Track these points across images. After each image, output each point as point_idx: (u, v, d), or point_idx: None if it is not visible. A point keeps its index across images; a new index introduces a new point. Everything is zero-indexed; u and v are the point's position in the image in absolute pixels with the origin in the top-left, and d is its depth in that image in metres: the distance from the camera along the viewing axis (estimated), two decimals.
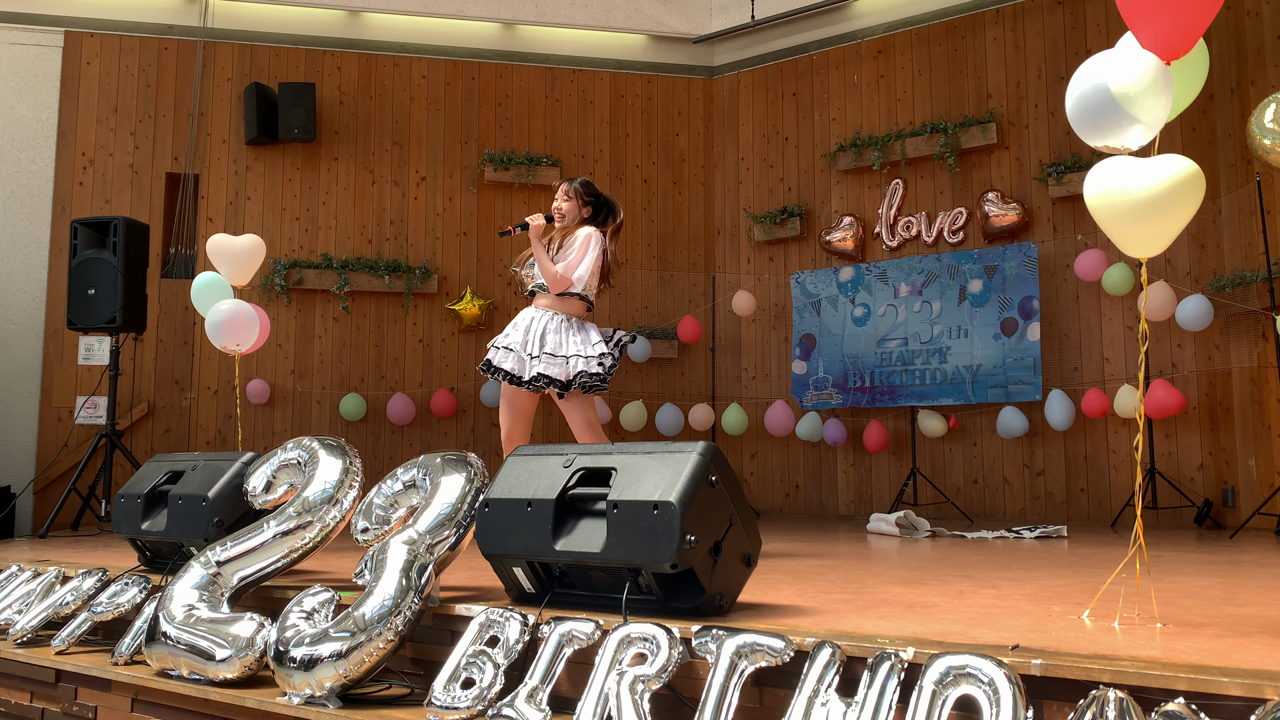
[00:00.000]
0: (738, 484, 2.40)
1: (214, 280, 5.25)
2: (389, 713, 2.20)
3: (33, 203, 7.12)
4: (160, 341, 7.22)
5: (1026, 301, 6.68)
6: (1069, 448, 6.68)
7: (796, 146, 7.99)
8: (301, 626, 2.36)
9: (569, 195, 4.17)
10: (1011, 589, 2.87)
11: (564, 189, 4.18)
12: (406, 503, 2.74)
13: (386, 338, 7.60)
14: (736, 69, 8.29)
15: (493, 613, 2.28)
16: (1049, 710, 1.72)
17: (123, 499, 3.48)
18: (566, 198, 4.16)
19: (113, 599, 3.00)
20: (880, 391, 7.14)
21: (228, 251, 5.22)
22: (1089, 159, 6.74)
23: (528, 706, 2.01)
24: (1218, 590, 2.83)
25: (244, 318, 5.02)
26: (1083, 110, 2.38)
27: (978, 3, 7.31)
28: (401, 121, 7.79)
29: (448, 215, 7.79)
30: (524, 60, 8.05)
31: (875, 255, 7.54)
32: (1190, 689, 1.59)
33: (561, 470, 2.49)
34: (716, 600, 2.29)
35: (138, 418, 7.09)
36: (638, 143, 8.20)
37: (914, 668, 1.78)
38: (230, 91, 7.52)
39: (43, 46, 7.27)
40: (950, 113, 7.32)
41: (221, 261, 5.23)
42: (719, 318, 7.99)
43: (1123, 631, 2.09)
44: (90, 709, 2.80)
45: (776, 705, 1.94)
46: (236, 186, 7.47)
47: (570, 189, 4.17)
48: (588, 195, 4.20)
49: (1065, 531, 5.33)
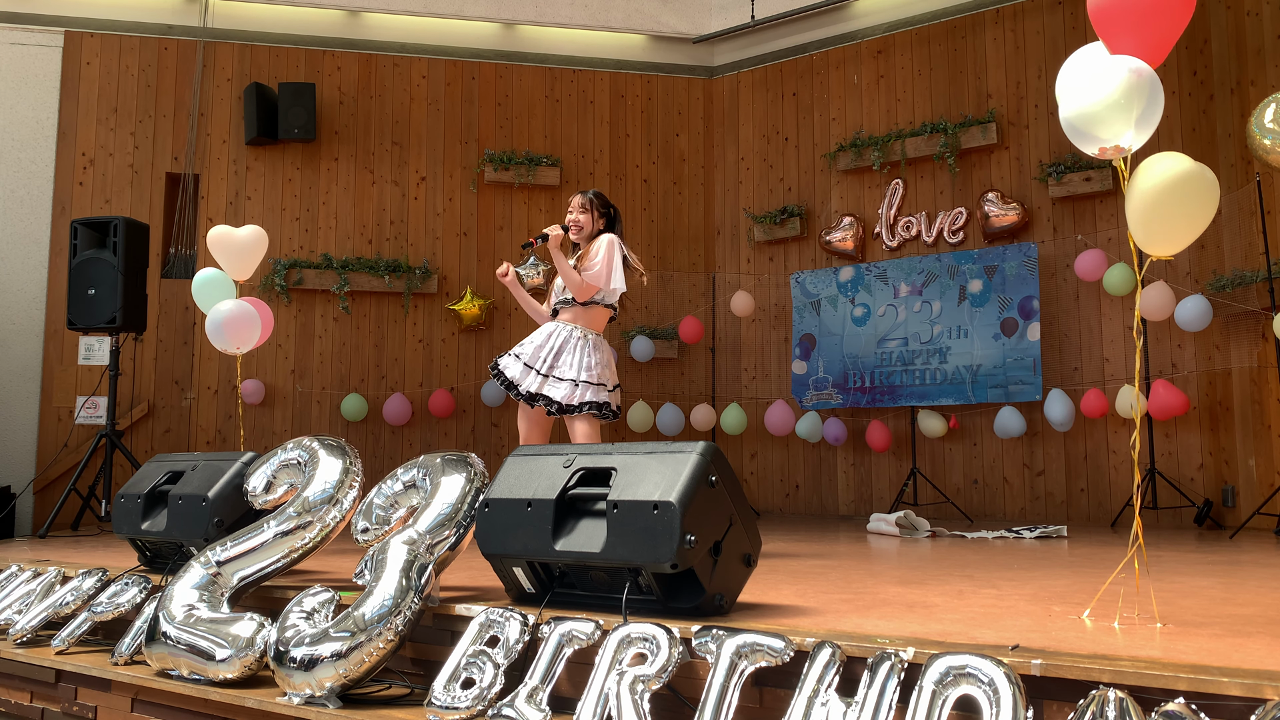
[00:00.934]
0: (738, 484, 2.40)
1: (215, 277, 5.15)
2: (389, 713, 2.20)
3: (33, 203, 7.12)
4: (160, 341, 7.22)
5: (1026, 301, 6.68)
6: (1069, 448, 6.67)
7: (796, 146, 7.99)
8: (301, 626, 2.36)
9: (584, 208, 4.19)
10: (1011, 589, 2.87)
11: (579, 201, 4.20)
12: (406, 503, 2.74)
13: (386, 338, 7.60)
14: (736, 69, 8.29)
15: (493, 613, 2.28)
16: (1049, 710, 1.72)
17: (123, 499, 3.48)
18: (583, 210, 4.19)
19: (113, 599, 3.00)
20: (880, 391, 7.14)
21: (229, 244, 5.12)
22: (1088, 159, 6.74)
23: (528, 706, 2.01)
24: (1218, 590, 2.83)
25: (245, 317, 4.97)
26: (1068, 129, 2.48)
27: (978, 3, 7.31)
28: (401, 121, 7.79)
29: (448, 215, 7.79)
30: (524, 60, 8.05)
31: (875, 255, 7.53)
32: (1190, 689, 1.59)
33: (561, 470, 2.49)
34: (716, 600, 2.29)
35: (138, 418, 7.09)
36: (638, 143, 8.20)
37: (914, 668, 1.78)
38: (230, 91, 7.52)
39: (43, 46, 7.27)
40: (950, 113, 7.32)
41: (223, 254, 5.13)
42: (719, 318, 7.98)
43: (1123, 631, 2.09)
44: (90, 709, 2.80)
45: (776, 705, 1.94)
46: (236, 186, 7.47)
47: (585, 201, 4.20)
48: (603, 207, 4.22)
49: (1065, 531, 5.33)
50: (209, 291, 5.14)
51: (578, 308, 4.10)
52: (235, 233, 5.16)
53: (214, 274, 5.17)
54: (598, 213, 4.19)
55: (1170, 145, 6.55)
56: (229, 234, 5.15)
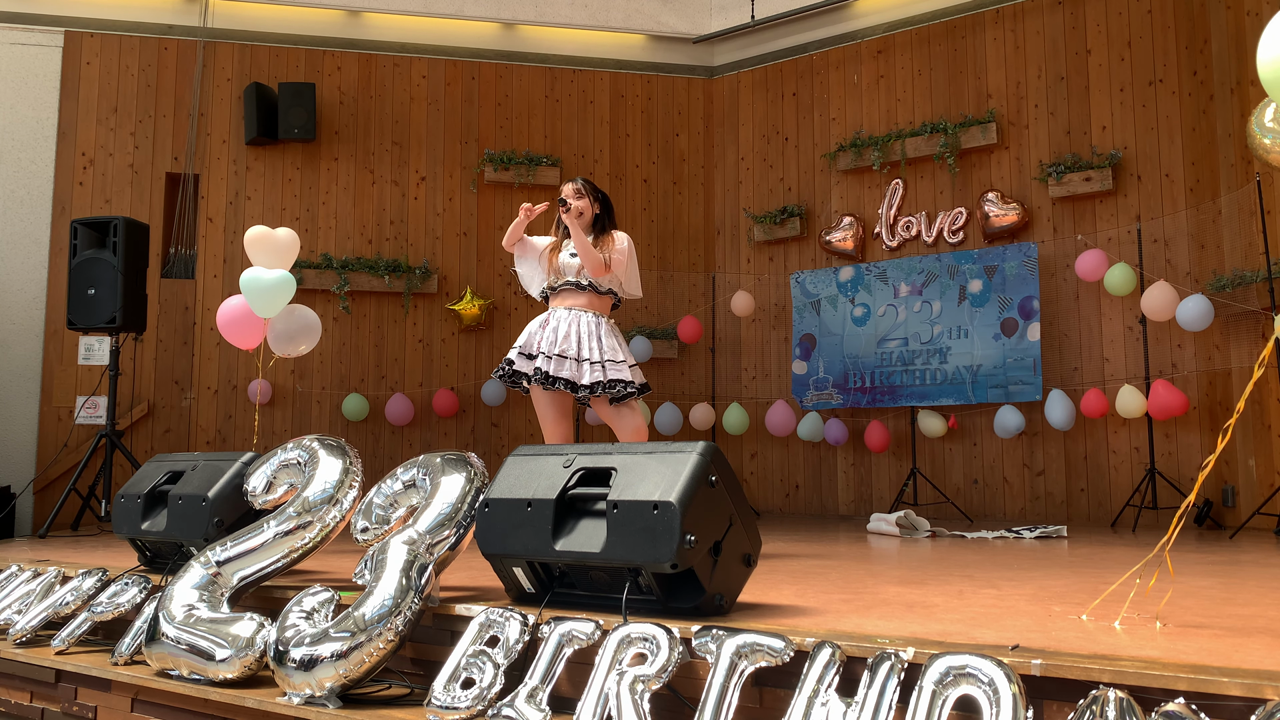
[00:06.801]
0: (738, 484, 2.40)
1: (284, 280, 4.90)
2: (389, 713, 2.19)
3: (33, 203, 7.12)
4: (160, 341, 7.22)
5: (1026, 301, 6.68)
6: (1069, 448, 6.67)
7: (796, 146, 7.99)
8: (301, 626, 2.36)
9: (579, 194, 4.12)
10: (1011, 589, 2.87)
11: (572, 189, 4.14)
12: (406, 503, 2.73)
13: (386, 338, 7.60)
14: (736, 69, 8.29)
15: (493, 613, 2.28)
16: (1049, 710, 1.72)
17: (123, 499, 3.48)
18: (578, 196, 4.12)
19: (113, 599, 3.00)
20: (880, 391, 7.14)
21: (268, 244, 4.94)
22: (1088, 159, 6.74)
23: (528, 706, 2.01)
24: (1218, 590, 2.83)
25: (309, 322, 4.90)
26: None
27: (978, 3, 7.31)
28: (401, 121, 7.79)
29: (448, 215, 7.79)
30: (524, 60, 8.05)
31: (875, 255, 7.53)
32: (1190, 689, 1.59)
33: (561, 470, 2.49)
34: (716, 600, 2.29)
35: (138, 418, 7.09)
36: (638, 143, 8.20)
37: (914, 668, 1.77)
38: (230, 91, 7.52)
39: (43, 46, 7.27)
40: (950, 113, 7.32)
41: (261, 254, 4.94)
42: (719, 318, 7.98)
43: (1123, 631, 2.09)
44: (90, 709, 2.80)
45: (776, 705, 1.94)
46: (236, 186, 7.47)
47: (578, 188, 4.14)
48: (596, 193, 4.19)
49: (1065, 531, 5.33)
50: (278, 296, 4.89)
51: (590, 293, 4.05)
52: (275, 234, 5.03)
53: (285, 276, 4.96)
54: (592, 198, 4.15)
55: (1170, 145, 6.55)
56: (269, 235, 5.00)
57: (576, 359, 3.93)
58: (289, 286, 4.99)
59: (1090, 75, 6.88)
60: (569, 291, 4.08)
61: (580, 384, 3.91)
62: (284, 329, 4.96)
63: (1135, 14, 6.76)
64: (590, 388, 3.89)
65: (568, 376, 3.91)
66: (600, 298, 4.08)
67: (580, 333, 3.97)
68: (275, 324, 4.98)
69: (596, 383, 3.89)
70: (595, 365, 3.91)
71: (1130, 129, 6.69)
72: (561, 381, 3.91)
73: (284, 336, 4.97)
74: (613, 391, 3.92)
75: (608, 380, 3.90)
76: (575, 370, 3.92)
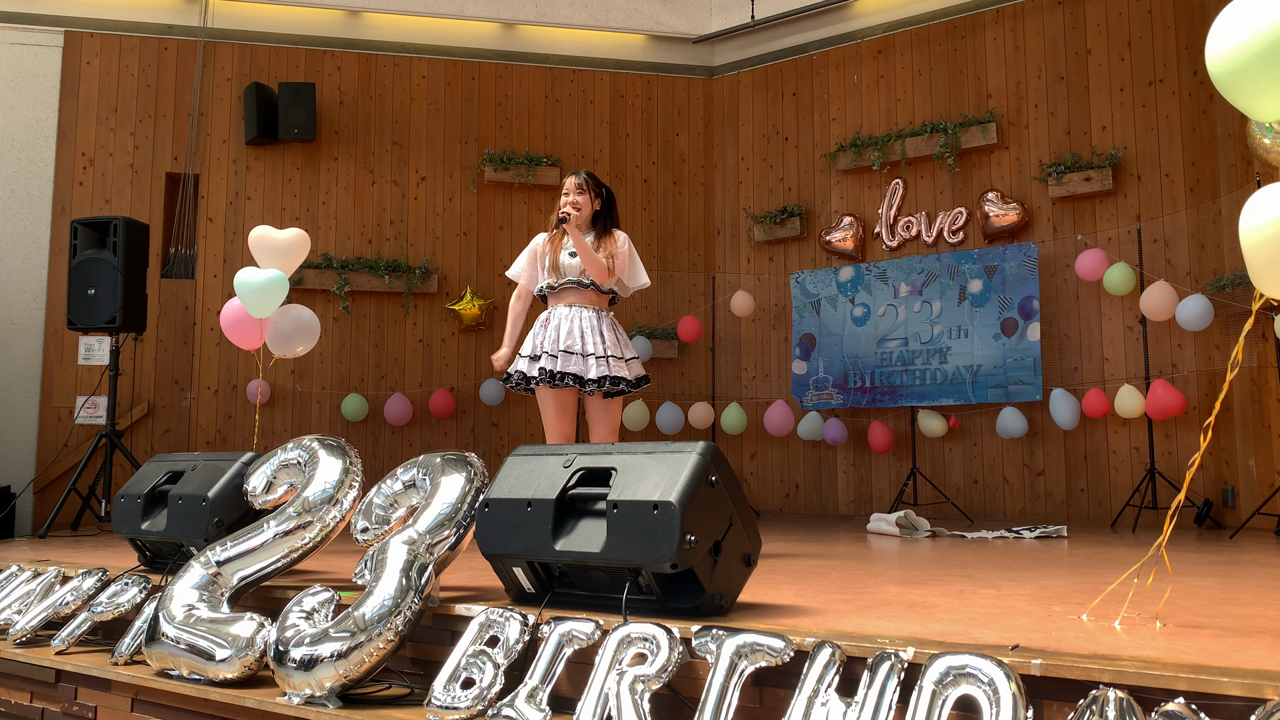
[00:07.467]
0: (738, 484, 2.40)
1: (276, 279, 4.84)
2: (389, 713, 2.19)
3: (33, 203, 7.12)
4: (160, 341, 7.22)
5: (1026, 301, 6.68)
6: (1069, 448, 6.67)
7: (796, 146, 7.99)
8: (301, 626, 2.36)
9: (581, 189, 4.10)
10: (1011, 589, 2.87)
11: (575, 183, 4.11)
12: (406, 503, 2.74)
13: (386, 338, 7.60)
14: (736, 69, 8.29)
15: (493, 613, 2.28)
16: (1049, 710, 1.72)
17: (123, 499, 3.48)
18: (580, 191, 4.10)
19: (113, 599, 3.00)
20: (880, 391, 7.14)
21: (271, 245, 4.91)
22: (1088, 159, 6.74)
23: (528, 706, 2.01)
24: (1218, 590, 2.83)
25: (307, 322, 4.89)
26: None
27: (978, 3, 7.31)
28: (401, 121, 7.79)
29: (448, 215, 7.79)
30: (524, 60, 8.05)
31: (875, 255, 7.53)
32: (1190, 689, 1.59)
33: (561, 470, 2.49)
34: (716, 600, 2.29)
35: (138, 418, 7.09)
36: (638, 143, 8.20)
37: (914, 668, 1.77)
38: (230, 91, 7.52)
39: (43, 46, 7.27)
40: (950, 113, 7.32)
41: (266, 256, 4.90)
42: (719, 317, 7.98)
43: (1123, 631, 2.09)
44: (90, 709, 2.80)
45: (776, 705, 1.94)
46: (236, 186, 7.47)
47: (581, 182, 4.12)
48: (598, 187, 4.16)
49: (1065, 531, 5.33)
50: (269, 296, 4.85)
51: (590, 291, 4.06)
52: (278, 235, 4.98)
53: (278, 276, 4.89)
54: (593, 193, 4.13)
55: (1170, 145, 6.55)
56: (271, 235, 4.96)
57: (582, 354, 3.95)
58: (282, 286, 4.94)
59: (1090, 75, 6.88)
60: (570, 290, 4.09)
61: (587, 378, 3.94)
62: (282, 329, 4.95)
63: (1135, 14, 6.77)
64: (598, 381, 3.93)
65: (575, 371, 3.93)
66: (600, 295, 4.11)
67: (583, 328, 4.00)
68: (273, 324, 4.98)
69: (603, 377, 3.92)
70: (600, 360, 3.94)
71: (1130, 129, 6.69)
72: (570, 377, 3.93)
73: (282, 337, 4.97)
74: (615, 389, 3.99)
75: (613, 376, 3.94)
76: (581, 365, 3.94)
